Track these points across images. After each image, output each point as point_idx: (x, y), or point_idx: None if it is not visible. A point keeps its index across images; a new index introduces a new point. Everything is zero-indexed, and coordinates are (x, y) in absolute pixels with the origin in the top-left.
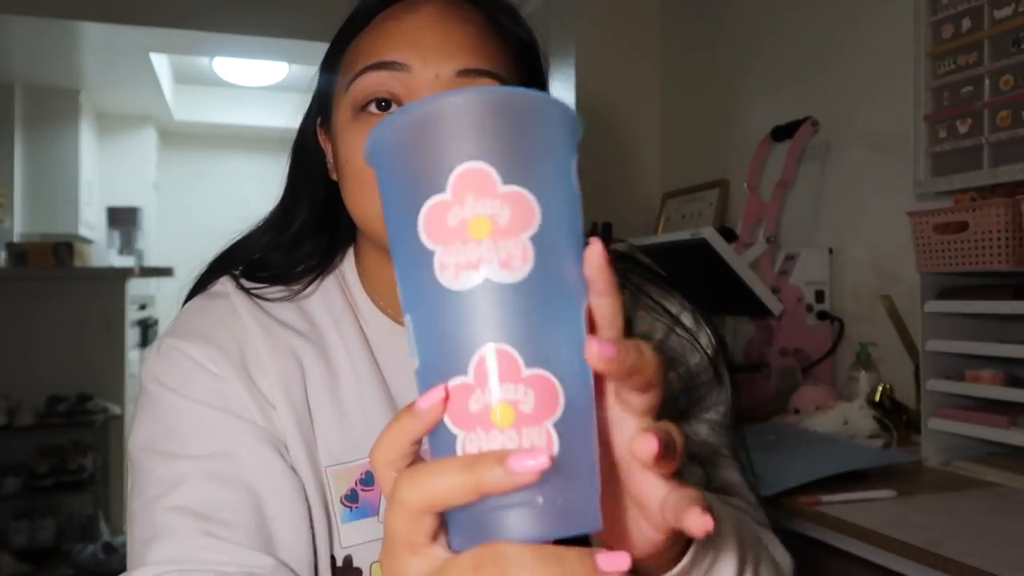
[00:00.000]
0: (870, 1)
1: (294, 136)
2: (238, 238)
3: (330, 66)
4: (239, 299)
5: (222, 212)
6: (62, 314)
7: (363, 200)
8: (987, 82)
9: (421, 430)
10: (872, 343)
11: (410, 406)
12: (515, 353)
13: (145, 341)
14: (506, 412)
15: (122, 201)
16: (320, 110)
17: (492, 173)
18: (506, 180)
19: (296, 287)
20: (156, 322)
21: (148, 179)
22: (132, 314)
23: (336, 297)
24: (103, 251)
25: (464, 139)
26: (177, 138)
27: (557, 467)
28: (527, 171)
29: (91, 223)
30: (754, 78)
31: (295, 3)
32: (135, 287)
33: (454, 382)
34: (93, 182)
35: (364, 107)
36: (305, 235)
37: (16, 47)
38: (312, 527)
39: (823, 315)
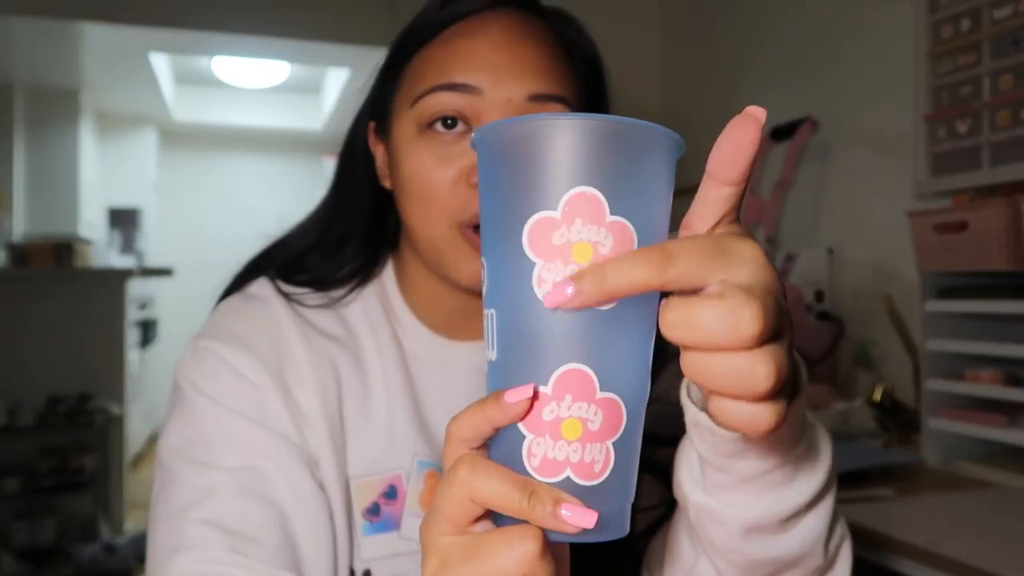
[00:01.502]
0: (870, 1)
1: (296, 137)
2: (278, 238)
3: (391, 73)
4: (278, 304)
5: (222, 213)
6: (62, 314)
7: (427, 219)
8: (986, 82)
9: (503, 420)
10: (872, 343)
11: (498, 394)
12: (592, 376)
13: (145, 341)
14: (575, 427)
15: (122, 201)
16: (375, 114)
17: (603, 201)
18: (614, 210)
19: (335, 294)
20: (156, 322)
21: (148, 179)
22: (132, 314)
23: (375, 306)
24: (103, 251)
25: (583, 163)
26: (177, 138)
27: (609, 481)
28: (633, 203)
29: (91, 223)
30: (754, 78)
31: (295, 3)
32: (135, 287)
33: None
34: (93, 182)
35: (430, 124)
36: (348, 239)
37: (16, 47)
38: (335, 542)
39: (823, 315)
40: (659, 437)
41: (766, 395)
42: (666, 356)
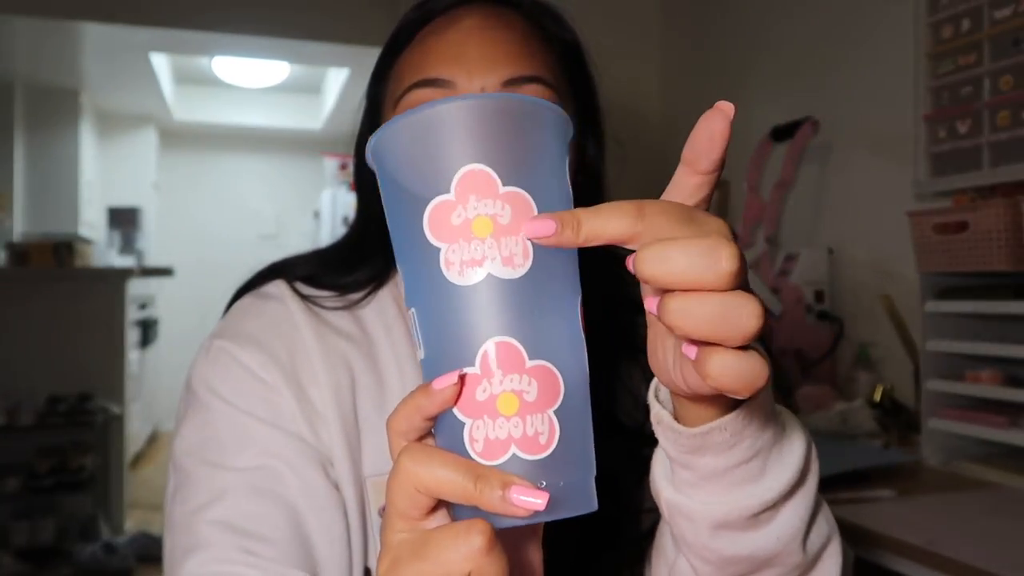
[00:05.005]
0: (870, 1)
1: (296, 137)
2: (311, 251)
3: (377, 86)
4: (293, 302)
5: (222, 212)
6: (62, 314)
7: None
8: (987, 82)
9: (434, 409)
10: (872, 343)
11: (426, 385)
12: (518, 345)
13: (145, 341)
14: (511, 401)
15: (122, 201)
16: (371, 130)
17: (492, 175)
18: (506, 181)
19: (352, 297)
20: (156, 322)
21: (148, 179)
22: (132, 314)
23: (389, 306)
24: (103, 251)
25: (465, 143)
26: (177, 138)
27: (558, 452)
28: (525, 172)
29: (91, 223)
30: (754, 78)
31: (295, 3)
32: (135, 287)
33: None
34: (93, 182)
35: None
36: (367, 253)
37: (16, 47)
38: (349, 541)
39: (823, 315)
40: None
41: (754, 334)
42: None
